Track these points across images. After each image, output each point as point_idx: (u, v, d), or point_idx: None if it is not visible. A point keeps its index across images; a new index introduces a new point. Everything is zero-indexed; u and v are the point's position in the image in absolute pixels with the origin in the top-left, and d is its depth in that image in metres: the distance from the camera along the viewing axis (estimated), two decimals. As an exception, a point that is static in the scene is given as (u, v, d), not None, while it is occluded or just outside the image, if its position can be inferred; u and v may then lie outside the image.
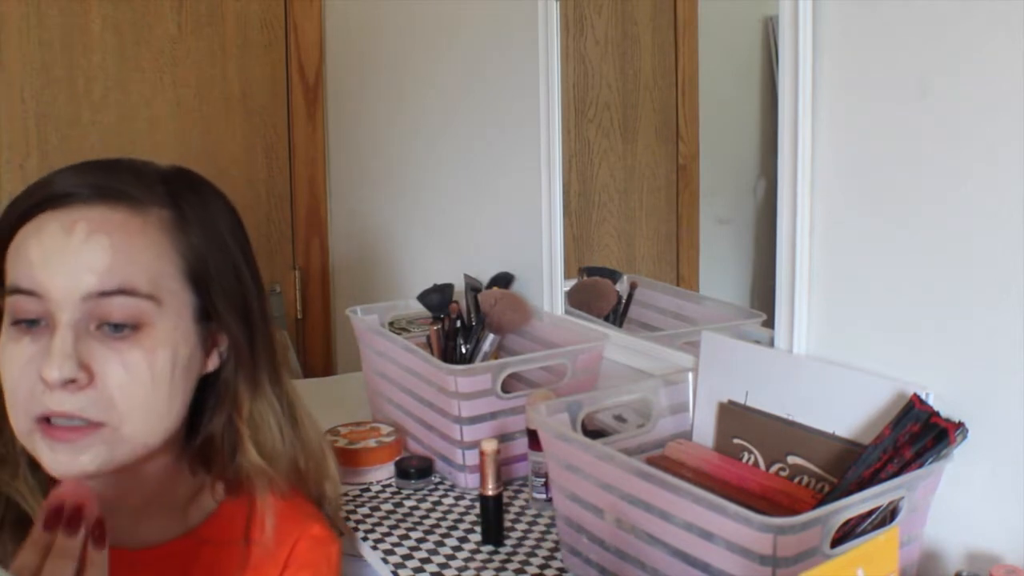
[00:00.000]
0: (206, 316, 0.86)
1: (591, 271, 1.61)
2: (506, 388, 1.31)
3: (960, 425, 0.91)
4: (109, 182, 0.83)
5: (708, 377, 1.18)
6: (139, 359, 0.81)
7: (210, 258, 0.86)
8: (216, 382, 0.90)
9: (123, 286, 0.80)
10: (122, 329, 0.80)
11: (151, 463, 0.87)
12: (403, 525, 1.21)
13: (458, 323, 1.50)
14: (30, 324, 0.80)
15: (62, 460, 0.79)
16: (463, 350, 1.49)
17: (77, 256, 0.79)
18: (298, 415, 0.95)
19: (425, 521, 1.22)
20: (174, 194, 0.86)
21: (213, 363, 0.89)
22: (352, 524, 1.20)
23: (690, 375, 1.20)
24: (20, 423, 0.81)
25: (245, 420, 0.90)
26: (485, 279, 1.62)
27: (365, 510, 1.25)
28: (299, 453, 0.95)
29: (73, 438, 0.79)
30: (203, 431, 0.91)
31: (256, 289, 0.91)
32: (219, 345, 0.89)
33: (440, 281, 1.57)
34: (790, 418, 1.07)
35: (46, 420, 0.79)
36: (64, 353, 0.77)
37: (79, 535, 0.71)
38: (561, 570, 1.09)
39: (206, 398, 0.90)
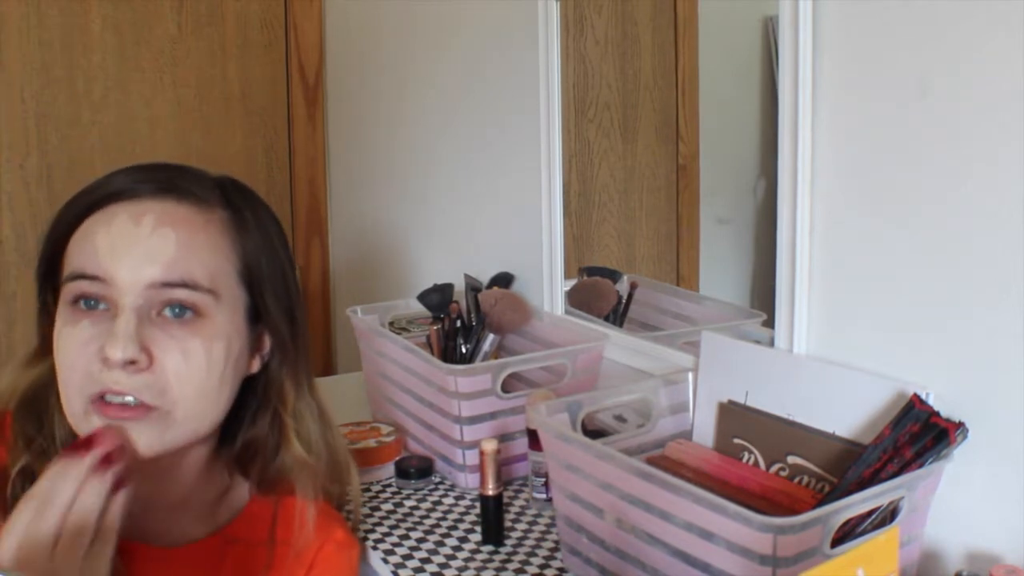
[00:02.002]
0: (255, 317, 0.90)
1: (591, 271, 1.61)
2: (506, 388, 1.31)
3: (960, 425, 0.91)
4: (174, 180, 0.87)
5: (708, 377, 1.18)
6: (197, 347, 0.83)
7: (263, 261, 0.90)
8: (257, 385, 0.94)
9: (185, 278, 0.83)
10: (185, 312, 0.83)
11: (188, 458, 0.90)
12: (403, 525, 1.21)
13: (458, 323, 1.50)
14: (90, 308, 0.83)
15: None
16: (463, 350, 1.49)
17: (144, 246, 0.83)
18: (328, 421, 0.99)
19: (425, 521, 1.22)
20: (230, 199, 0.90)
21: (256, 365, 0.93)
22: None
23: (690, 375, 1.20)
24: (75, 404, 0.83)
25: (291, 413, 0.94)
26: (485, 279, 1.62)
27: (365, 510, 1.25)
28: (329, 458, 0.98)
29: (126, 416, 0.81)
30: (244, 433, 0.94)
31: (297, 294, 0.95)
32: (262, 349, 0.93)
33: (440, 281, 1.57)
34: (790, 418, 1.07)
35: (100, 399, 0.81)
36: (127, 334, 0.80)
37: (108, 473, 0.77)
38: (561, 570, 1.09)
39: (247, 402, 0.93)
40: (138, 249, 0.82)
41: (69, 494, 0.75)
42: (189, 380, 0.83)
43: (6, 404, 0.89)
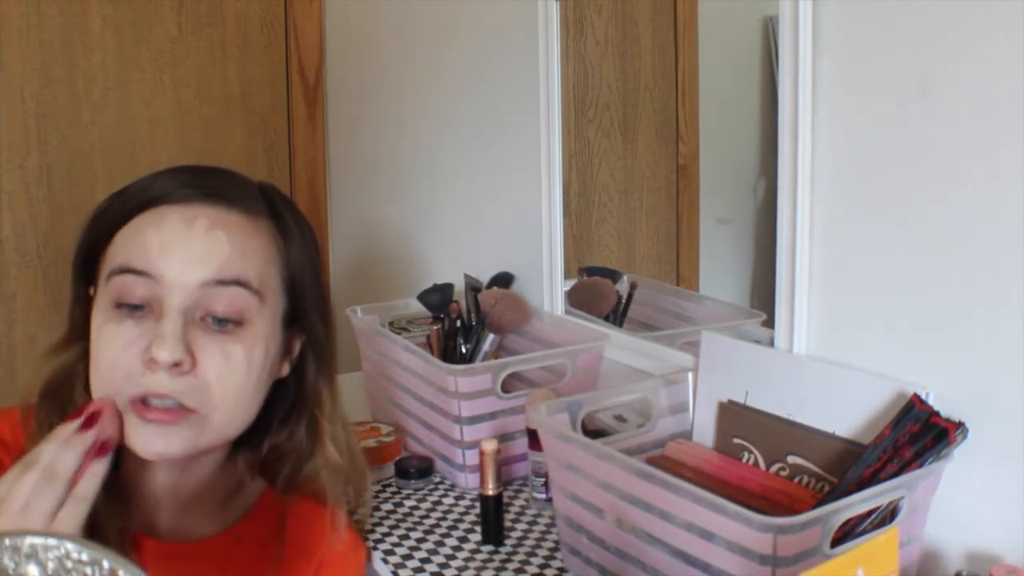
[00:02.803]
0: (289, 322, 0.91)
1: (591, 271, 1.61)
2: (506, 388, 1.31)
3: (960, 425, 0.91)
4: (222, 187, 0.88)
5: (708, 377, 1.18)
6: (239, 352, 0.84)
7: (304, 270, 0.91)
8: (287, 390, 0.94)
9: (239, 277, 0.84)
10: (226, 324, 0.84)
11: (206, 457, 0.90)
12: (403, 525, 1.21)
13: (458, 323, 1.50)
14: (133, 309, 0.83)
15: (151, 441, 0.81)
16: (463, 350, 1.49)
17: (196, 247, 0.83)
18: (350, 429, 0.99)
19: (425, 521, 1.22)
20: (274, 207, 0.91)
21: (285, 369, 0.93)
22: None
23: (690, 375, 1.20)
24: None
25: (327, 418, 0.94)
26: (485, 279, 1.62)
27: (365, 510, 1.25)
28: (350, 463, 0.98)
29: (166, 420, 0.81)
30: (272, 438, 0.94)
31: (330, 302, 0.96)
32: (292, 353, 0.93)
33: (440, 281, 1.57)
34: (790, 418, 1.07)
35: (140, 401, 0.81)
36: (175, 335, 0.80)
37: (88, 434, 0.76)
38: (561, 570, 1.09)
39: (272, 406, 0.93)
40: (190, 249, 0.83)
41: (51, 453, 0.75)
42: (229, 384, 0.83)
43: (31, 396, 0.89)
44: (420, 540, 1.17)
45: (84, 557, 0.60)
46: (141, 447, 0.82)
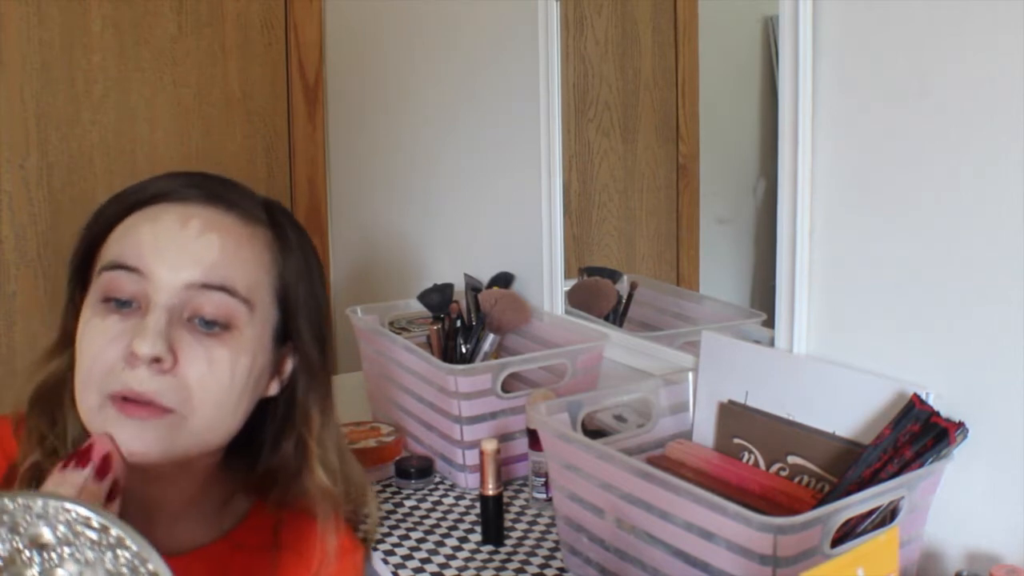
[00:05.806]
0: (282, 339, 0.89)
1: (591, 271, 1.61)
2: (506, 388, 1.31)
3: (960, 425, 0.91)
4: (223, 192, 0.88)
5: (708, 377, 1.18)
6: (223, 356, 0.83)
7: (300, 284, 0.90)
8: (276, 409, 0.93)
9: (225, 283, 0.83)
10: (213, 327, 0.83)
11: (194, 467, 0.88)
12: (403, 525, 1.21)
13: (458, 323, 1.50)
14: (120, 305, 0.82)
15: (129, 442, 0.80)
16: (463, 350, 1.49)
17: (188, 248, 0.83)
18: (344, 449, 0.98)
19: (425, 521, 1.22)
20: (274, 220, 0.90)
21: (274, 388, 0.91)
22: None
23: (690, 375, 1.20)
24: (91, 398, 0.82)
25: (316, 440, 0.92)
26: (485, 279, 1.62)
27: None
28: (345, 485, 0.97)
29: (143, 415, 0.80)
30: (266, 459, 0.93)
31: (329, 325, 0.96)
32: (282, 373, 0.92)
33: (440, 281, 1.58)
34: (790, 418, 1.07)
35: (120, 398, 0.80)
36: (158, 331, 0.79)
37: (104, 483, 0.75)
38: (561, 570, 1.09)
39: (263, 425, 0.92)
40: (182, 250, 0.82)
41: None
42: (211, 389, 0.82)
43: (23, 403, 0.88)
44: (420, 540, 1.17)
45: (94, 523, 0.60)
46: (120, 448, 0.81)
